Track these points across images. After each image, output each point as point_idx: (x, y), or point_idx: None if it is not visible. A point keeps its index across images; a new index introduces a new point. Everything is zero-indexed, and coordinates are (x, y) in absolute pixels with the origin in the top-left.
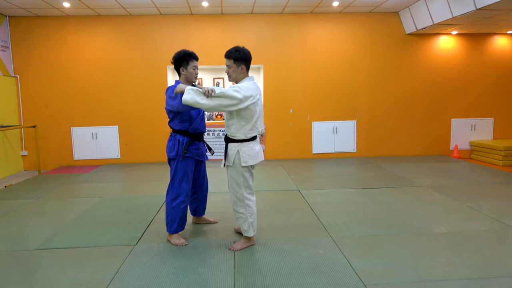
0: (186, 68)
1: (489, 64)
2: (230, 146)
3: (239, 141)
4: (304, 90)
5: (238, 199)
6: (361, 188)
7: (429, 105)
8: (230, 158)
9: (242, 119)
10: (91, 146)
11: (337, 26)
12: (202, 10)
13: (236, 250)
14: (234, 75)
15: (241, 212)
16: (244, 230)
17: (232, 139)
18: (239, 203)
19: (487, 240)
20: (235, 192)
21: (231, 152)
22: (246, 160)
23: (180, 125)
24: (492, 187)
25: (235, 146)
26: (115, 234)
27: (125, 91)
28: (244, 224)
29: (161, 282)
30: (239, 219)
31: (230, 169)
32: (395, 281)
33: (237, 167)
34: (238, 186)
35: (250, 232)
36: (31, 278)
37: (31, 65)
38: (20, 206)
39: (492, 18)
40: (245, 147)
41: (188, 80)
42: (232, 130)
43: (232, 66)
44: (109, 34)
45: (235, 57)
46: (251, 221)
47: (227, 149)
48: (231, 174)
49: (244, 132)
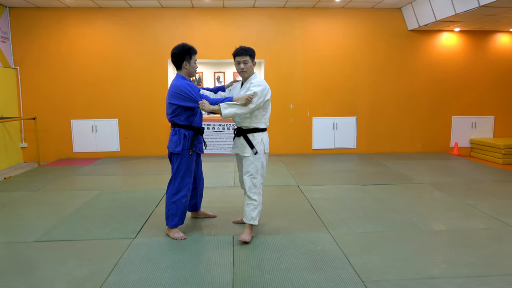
0: (189, 62)
1: (491, 62)
2: (255, 135)
3: (262, 130)
4: (305, 85)
5: (254, 185)
6: (360, 185)
7: (430, 102)
8: (256, 147)
9: (263, 109)
10: (91, 139)
11: (339, 21)
12: (203, 3)
13: (248, 240)
14: (250, 71)
15: (254, 199)
16: (252, 218)
17: (256, 129)
18: (254, 190)
19: (486, 238)
20: (252, 178)
21: (256, 141)
22: (267, 147)
23: (186, 120)
24: (491, 185)
25: (259, 135)
26: (114, 227)
27: (126, 84)
28: (254, 211)
29: (160, 276)
30: (249, 206)
31: (253, 157)
32: (393, 278)
33: (260, 154)
34: (257, 173)
35: (256, 220)
36: (30, 270)
37: (31, 56)
38: (19, 198)
39: (495, 15)
40: (265, 135)
41: (190, 74)
42: (256, 121)
43: (249, 61)
44: (110, 27)
45: (251, 53)
46: (259, 209)
47: (250, 139)
48: (253, 161)
49: (265, 121)
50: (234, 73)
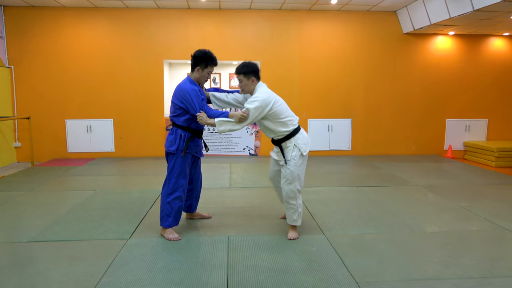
0: (202, 69)
1: (485, 65)
2: (287, 143)
3: (292, 134)
4: (300, 87)
5: (292, 191)
6: (355, 187)
7: (424, 105)
8: (288, 154)
9: (276, 117)
10: (86, 139)
11: (335, 24)
12: (200, 4)
13: (296, 237)
14: (247, 88)
15: (293, 203)
16: (294, 220)
17: (286, 136)
18: (292, 195)
19: (479, 240)
20: (289, 184)
21: (288, 149)
22: (305, 149)
23: (186, 122)
24: (485, 188)
25: (291, 142)
26: (108, 228)
27: (121, 84)
28: (294, 214)
29: (154, 277)
30: (289, 210)
31: (289, 164)
32: (387, 279)
33: (296, 159)
34: (294, 179)
35: (298, 221)
36: (24, 271)
37: (26, 56)
38: (13, 198)
39: (489, 19)
40: (300, 137)
41: (199, 81)
42: (278, 131)
43: (243, 80)
44: (106, 27)
45: (245, 72)
46: (299, 211)
47: (283, 148)
48: (291, 168)
49: (288, 123)
50: (230, 74)
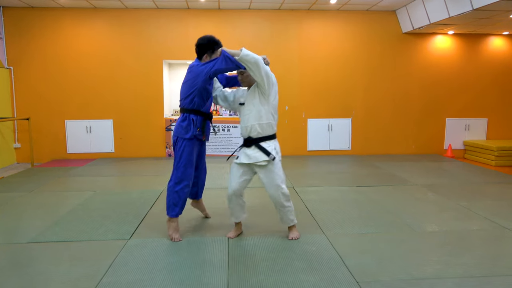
0: (210, 56)
1: (484, 65)
2: (269, 143)
3: (273, 136)
4: (300, 87)
5: (283, 194)
6: (355, 186)
7: (424, 104)
8: (270, 149)
9: (273, 109)
10: (85, 140)
11: (334, 23)
12: (199, 4)
13: (299, 237)
14: (248, 79)
15: (288, 205)
16: (291, 220)
17: (269, 136)
18: (284, 198)
19: (479, 239)
20: (280, 189)
21: (270, 148)
22: (280, 156)
23: (198, 104)
24: (484, 187)
25: (272, 143)
26: (108, 228)
27: (120, 84)
28: (291, 214)
29: (154, 277)
30: (286, 213)
31: (273, 167)
32: (387, 278)
33: (277, 162)
34: (282, 182)
35: (295, 219)
36: (24, 271)
37: (25, 56)
38: (13, 199)
39: (489, 18)
40: (277, 143)
41: None
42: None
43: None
44: (105, 27)
45: None
46: (292, 210)
47: (264, 148)
48: (276, 172)
49: (273, 125)
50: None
